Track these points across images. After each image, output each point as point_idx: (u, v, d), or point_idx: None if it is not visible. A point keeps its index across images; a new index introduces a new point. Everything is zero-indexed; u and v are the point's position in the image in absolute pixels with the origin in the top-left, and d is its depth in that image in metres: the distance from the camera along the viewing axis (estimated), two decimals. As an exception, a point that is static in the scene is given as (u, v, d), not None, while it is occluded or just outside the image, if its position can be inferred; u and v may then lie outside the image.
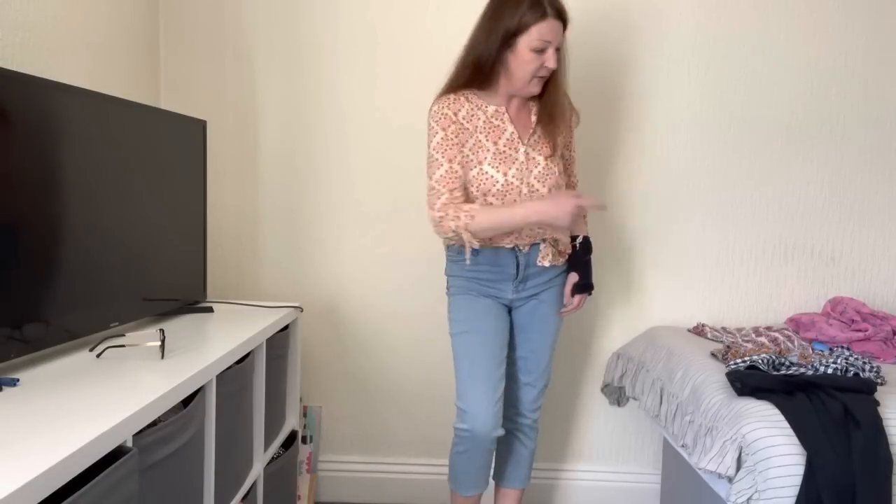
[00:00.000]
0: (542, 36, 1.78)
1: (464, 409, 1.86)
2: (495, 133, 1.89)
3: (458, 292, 1.95)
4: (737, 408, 1.62)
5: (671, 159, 2.44)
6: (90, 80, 1.97)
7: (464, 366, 1.89)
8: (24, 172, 1.29)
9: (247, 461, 1.78)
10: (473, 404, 1.84)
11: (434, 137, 1.87)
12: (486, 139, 1.88)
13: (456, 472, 1.98)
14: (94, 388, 1.22)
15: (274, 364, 1.98)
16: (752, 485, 1.49)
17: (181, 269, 1.94)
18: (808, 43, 2.41)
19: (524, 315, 1.98)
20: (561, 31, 1.81)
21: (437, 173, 1.84)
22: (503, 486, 2.14)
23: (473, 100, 1.90)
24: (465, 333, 1.91)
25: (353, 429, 2.55)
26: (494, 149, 1.87)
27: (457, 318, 1.94)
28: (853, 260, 2.48)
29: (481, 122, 1.89)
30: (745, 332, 2.30)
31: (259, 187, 2.47)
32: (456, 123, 1.87)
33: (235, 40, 2.42)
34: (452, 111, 1.87)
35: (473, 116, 1.89)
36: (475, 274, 1.93)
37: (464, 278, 1.94)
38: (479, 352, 1.87)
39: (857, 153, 2.45)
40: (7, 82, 1.26)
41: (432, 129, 1.88)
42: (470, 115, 1.89)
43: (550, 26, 1.78)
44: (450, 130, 1.86)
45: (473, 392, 1.85)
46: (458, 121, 1.87)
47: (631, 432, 2.55)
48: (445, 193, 1.83)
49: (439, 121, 1.86)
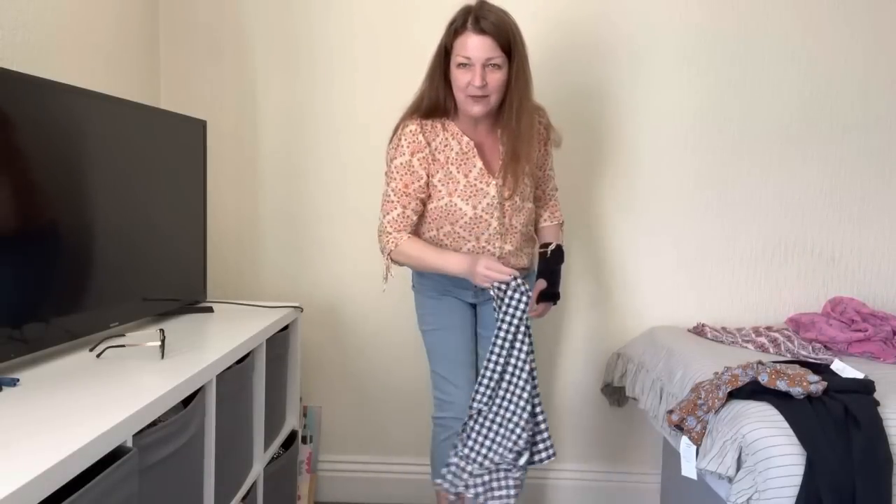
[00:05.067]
0: (460, 52, 1.73)
1: (443, 399, 1.96)
2: (466, 166, 1.85)
3: (422, 290, 2.00)
4: (737, 408, 1.61)
5: (671, 159, 2.44)
6: (90, 80, 1.97)
7: (439, 360, 1.98)
8: (23, 173, 1.29)
9: (247, 461, 1.78)
10: (454, 393, 1.94)
11: (399, 157, 1.83)
12: (458, 171, 1.85)
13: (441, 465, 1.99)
14: (94, 388, 1.22)
15: (274, 364, 1.98)
16: (752, 485, 1.49)
17: (181, 269, 1.94)
18: (808, 43, 2.41)
19: (486, 311, 1.99)
20: (490, 47, 1.71)
21: (391, 215, 1.85)
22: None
23: (450, 128, 1.86)
24: (437, 331, 1.98)
25: (353, 429, 2.55)
26: (465, 181, 1.85)
27: (426, 315, 2.01)
28: (853, 260, 2.48)
29: (454, 152, 1.86)
30: (745, 332, 2.30)
31: (259, 187, 2.47)
32: (425, 151, 1.83)
33: (235, 40, 2.42)
34: (427, 139, 1.84)
35: (447, 147, 1.86)
36: (443, 280, 1.94)
37: (431, 279, 1.96)
38: (452, 346, 1.96)
39: (857, 153, 2.45)
40: (7, 82, 1.26)
41: (400, 148, 1.83)
42: (443, 145, 1.86)
43: (472, 41, 1.70)
44: (417, 157, 1.83)
45: (453, 381, 1.94)
46: (431, 151, 1.84)
47: (631, 432, 2.54)
48: (393, 234, 1.85)
49: (411, 143, 1.83)
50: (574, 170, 2.43)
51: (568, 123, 2.41)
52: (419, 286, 2.02)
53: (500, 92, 1.78)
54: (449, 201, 1.84)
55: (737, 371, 1.70)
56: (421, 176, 1.84)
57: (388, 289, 2.46)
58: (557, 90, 2.36)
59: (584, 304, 2.49)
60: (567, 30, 2.40)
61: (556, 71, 2.37)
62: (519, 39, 1.77)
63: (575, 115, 2.42)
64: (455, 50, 1.75)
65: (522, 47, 1.78)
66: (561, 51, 2.39)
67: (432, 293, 1.99)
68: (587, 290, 2.49)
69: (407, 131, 1.84)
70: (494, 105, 1.80)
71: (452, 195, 1.84)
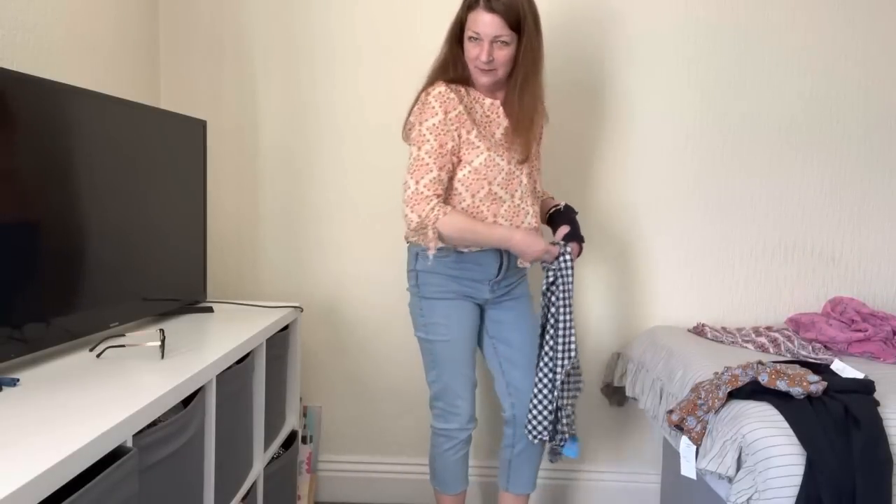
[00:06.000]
0: (472, 27, 1.81)
1: (449, 411, 1.98)
2: (492, 126, 1.90)
3: (435, 295, 1.92)
4: (737, 408, 1.61)
5: (671, 159, 2.44)
6: (90, 80, 1.97)
7: (447, 371, 1.95)
8: (23, 173, 1.29)
9: (247, 461, 1.78)
10: (461, 405, 1.96)
11: (431, 118, 1.82)
12: (486, 130, 1.89)
13: (444, 473, 2.02)
14: (94, 388, 1.22)
15: (274, 364, 1.98)
16: (752, 485, 1.49)
17: (181, 269, 1.94)
18: (808, 44, 2.41)
19: (503, 313, 2.00)
20: (498, 26, 1.77)
21: (427, 178, 1.80)
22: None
23: (472, 92, 1.91)
24: (448, 342, 1.93)
25: (352, 429, 2.55)
26: (493, 140, 1.88)
27: (436, 324, 1.93)
28: (853, 260, 2.48)
29: (478, 115, 1.90)
30: (745, 332, 2.30)
31: (259, 187, 2.47)
32: (459, 108, 1.84)
33: (235, 40, 2.42)
34: (458, 96, 1.86)
35: (472, 110, 1.89)
36: (458, 272, 1.91)
37: (443, 276, 1.91)
38: (462, 358, 1.95)
39: (857, 153, 2.45)
40: (7, 82, 1.25)
41: (430, 109, 1.82)
42: (472, 104, 1.90)
43: (483, 18, 1.78)
44: (452, 114, 1.83)
45: (461, 394, 1.96)
46: (465, 108, 1.86)
47: (631, 432, 2.54)
48: (433, 199, 1.80)
49: (443, 103, 1.82)
50: (574, 169, 2.43)
51: (567, 122, 2.42)
52: (426, 287, 1.93)
53: (508, 66, 1.85)
54: (488, 156, 1.85)
55: (737, 371, 1.70)
56: (454, 137, 1.84)
57: (387, 288, 2.48)
58: (558, 88, 2.36)
59: (583, 304, 2.49)
60: (568, 29, 2.40)
61: (558, 70, 2.37)
62: (530, 19, 1.82)
63: (574, 115, 2.42)
64: (467, 24, 1.82)
65: (534, 27, 1.84)
66: (561, 49, 2.39)
67: (446, 294, 1.92)
68: (587, 290, 2.49)
69: (436, 92, 1.84)
70: (502, 77, 1.88)
71: (490, 150, 1.86)
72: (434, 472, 2.06)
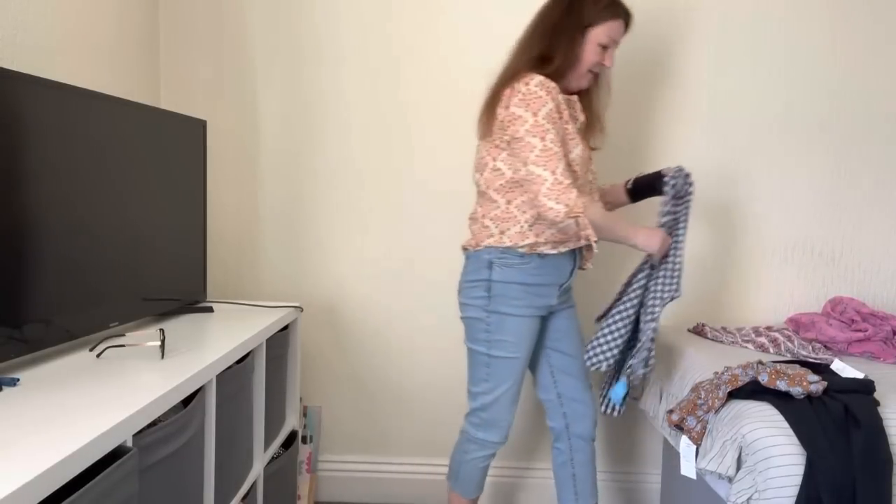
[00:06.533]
0: (611, 34, 1.84)
1: (491, 423, 1.93)
2: (573, 119, 1.90)
3: (509, 310, 1.84)
4: (737, 408, 1.61)
5: (671, 159, 2.44)
6: (90, 80, 1.97)
7: (503, 386, 1.89)
8: (23, 172, 1.29)
9: (247, 461, 1.78)
10: (507, 418, 1.93)
11: (544, 106, 1.74)
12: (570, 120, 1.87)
13: (471, 480, 2.01)
14: (94, 388, 1.22)
15: (274, 364, 1.98)
16: (752, 485, 1.49)
17: (181, 269, 1.94)
18: (809, 44, 2.41)
19: (561, 321, 2.00)
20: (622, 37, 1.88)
21: (560, 167, 1.72)
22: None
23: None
24: (515, 359, 1.88)
25: (353, 429, 2.55)
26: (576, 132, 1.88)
27: (505, 341, 1.86)
28: (853, 260, 2.48)
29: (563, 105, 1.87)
30: (745, 332, 2.30)
31: (259, 187, 2.47)
32: (559, 98, 1.81)
33: (235, 40, 2.42)
34: (555, 87, 1.81)
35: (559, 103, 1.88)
36: (538, 278, 1.85)
37: (521, 286, 1.84)
38: (519, 376, 1.92)
39: (857, 153, 2.45)
40: (7, 82, 1.26)
41: (540, 98, 1.74)
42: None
43: (620, 28, 1.86)
44: (557, 101, 1.79)
45: (508, 407, 1.92)
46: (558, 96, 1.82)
47: (631, 432, 2.55)
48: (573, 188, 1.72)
49: (549, 91, 1.77)
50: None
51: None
52: (500, 300, 1.84)
53: None
54: (583, 147, 1.87)
55: (737, 371, 1.70)
56: (562, 126, 1.82)
57: (387, 288, 2.48)
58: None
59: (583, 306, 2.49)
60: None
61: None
62: None
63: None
64: (603, 30, 1.84)
65: None
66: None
67: (522, 310, 1.85)
68: (587, 291, 2.49)
69: (538, 80, 1.76)
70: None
71: (581, 142, 1.87)
72: (457, 474, 2.02)
